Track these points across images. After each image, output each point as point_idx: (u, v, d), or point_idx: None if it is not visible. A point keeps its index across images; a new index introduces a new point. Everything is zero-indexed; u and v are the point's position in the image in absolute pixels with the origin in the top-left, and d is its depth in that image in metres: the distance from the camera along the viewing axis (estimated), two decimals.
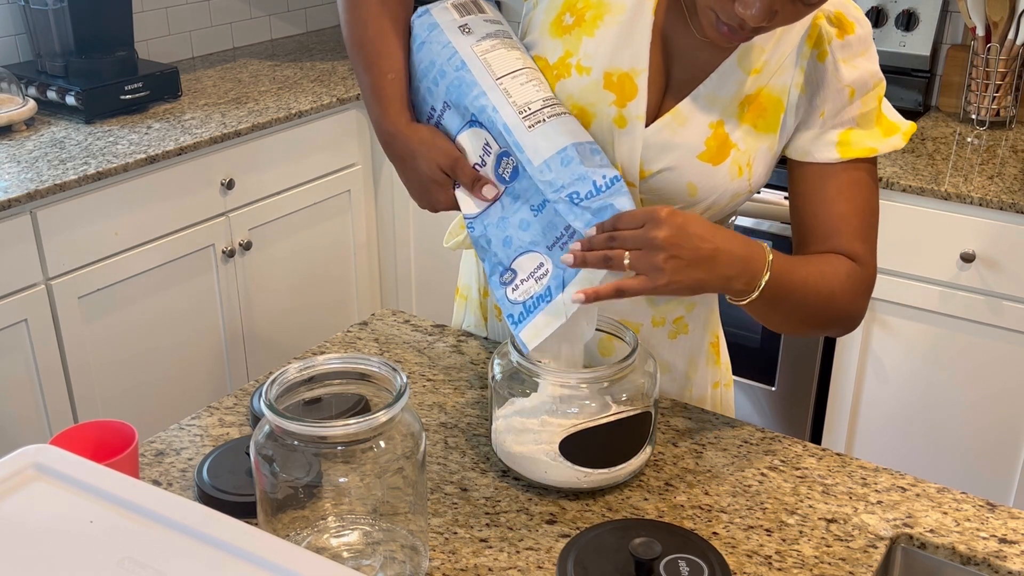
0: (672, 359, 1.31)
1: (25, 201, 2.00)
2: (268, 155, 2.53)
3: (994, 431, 2.26)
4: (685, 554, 0.96)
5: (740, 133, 1.14)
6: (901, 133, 1.17)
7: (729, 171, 1.14)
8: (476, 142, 1.13)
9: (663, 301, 1.26)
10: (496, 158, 1.12)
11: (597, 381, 1.06)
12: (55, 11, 2.47)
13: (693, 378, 1.34)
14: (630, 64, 1.13)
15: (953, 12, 2.63)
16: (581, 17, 1.15)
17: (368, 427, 0.88)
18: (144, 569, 0.65)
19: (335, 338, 1.43)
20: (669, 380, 1.33)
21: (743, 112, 1.14)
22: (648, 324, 1.28)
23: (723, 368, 1.38)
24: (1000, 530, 1.04)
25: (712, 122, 1.13)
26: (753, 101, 1.14)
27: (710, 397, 1.37)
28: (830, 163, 1.14)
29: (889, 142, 1.16)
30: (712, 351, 1.35)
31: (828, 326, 1.17)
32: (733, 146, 1.13)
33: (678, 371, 1.33)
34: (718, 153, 1.13)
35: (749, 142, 1.14)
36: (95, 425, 1.08)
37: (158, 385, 2.40)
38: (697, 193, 1.14)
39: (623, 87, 1.13)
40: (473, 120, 1.13)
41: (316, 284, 2.79)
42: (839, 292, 1.12)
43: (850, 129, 1.14)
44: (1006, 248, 2.11)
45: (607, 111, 1.13)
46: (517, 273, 1.08)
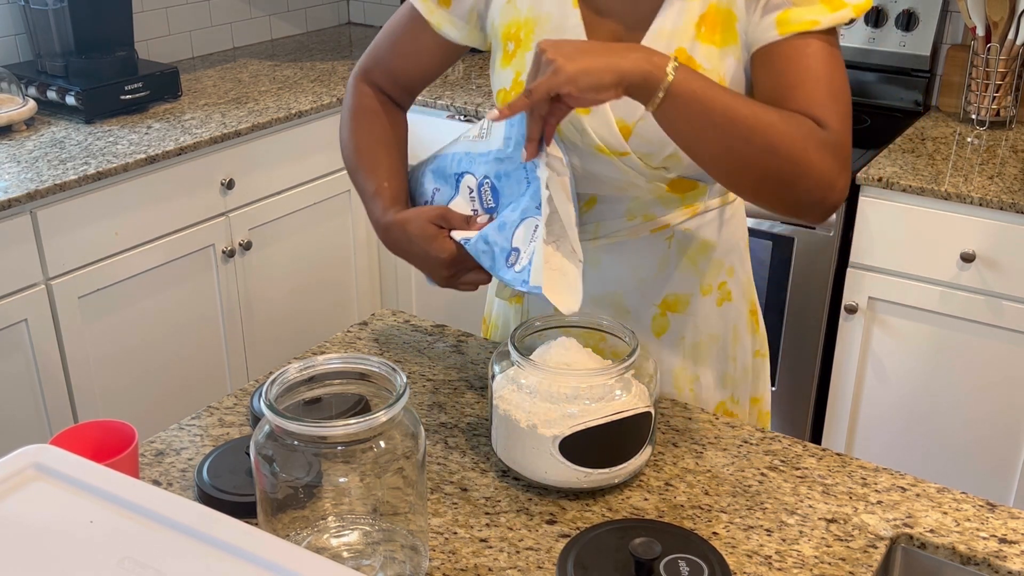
0: (720, 329, 1.33)
1: (25, 201, 2.00)
2: (268, 155, 2.53)
3: (994, 431, 2.26)
4: (685, 554, 0.96)
5: (703, 54, 1.13)
6: (851, 7, 1.10)
7: None
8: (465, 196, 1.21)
9: (706, 266, 1.27)
10: (478, 191, 1.19)
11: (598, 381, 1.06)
12: (55, 11, 2.47)
13: (736, 348, 1.35)
14: None
15: (953, 12, 2.63)
16: (519, 39, 1.20)
17: (368, 427, 0.88)
18: (144, 569, 0.65)
19: (335, 338, 1.43)
20: (718, 351, 1.33)
21: (700, 33, 1.13)
22: (698, 294, 1.30)
23: (761, 337, 1.40)
24: (1000, 530, 1.04)
25: (672, 53, 1.11)
26: (706, 20, 1.13)
27: (752, 366, 1.38)
28: (773, 42, 1.10)
29: (836, 15, 1.10)
30: (752, 319, 1.38)
31: (788, 176, 1.05)
32: (699, 67, 1.12)
33: (725, 342, 1.34)
34: None
35: (714, 60, 1.13)
36: (95, 425, 1.08)
37: (158, 385, 2.40)
38: None
39: None
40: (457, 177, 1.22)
41: (316, 284, 2.79)
42: (795, 137, 1.04)
43: (787, 9, 1.09)
44: (1006, 248, 2.11)
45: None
46: (520, 249, 1.11)
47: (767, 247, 2.36)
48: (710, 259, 1.29)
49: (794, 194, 1.07)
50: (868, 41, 2.69)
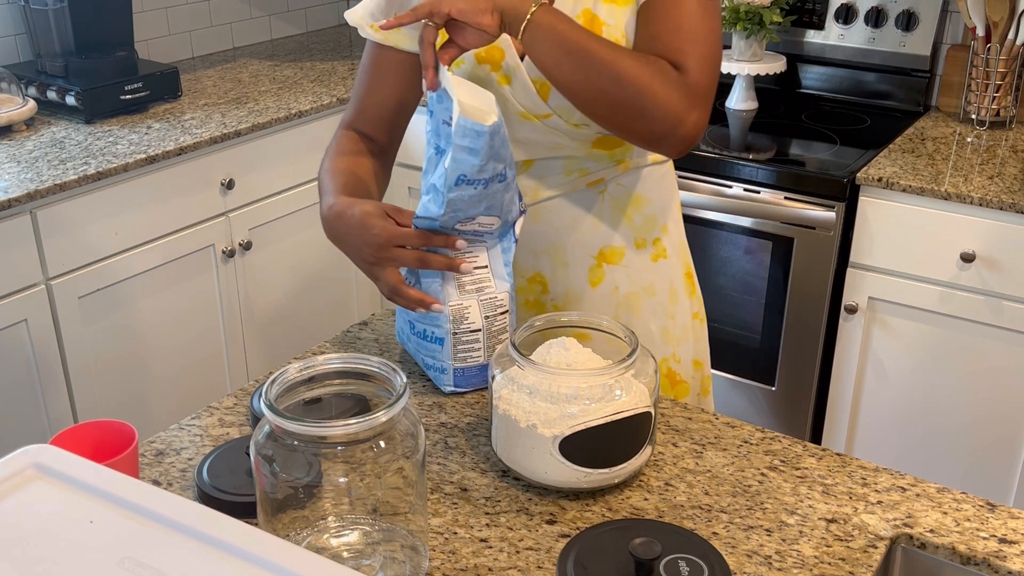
0: (655, 281, 1.41)
1: (25, 201, 2.00)
2: (268, 155, 2.53)
3: (994, 431, 2.26)
4: (685, 554, 0.96)
5: (605, 12, 1.23)
6: None
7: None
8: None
9: (639, 221, 1.37)
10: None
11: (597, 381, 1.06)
12: (55, 11, 2.47)
13: (674, 307, 1.43)
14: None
15: (953, 12, 2.63)
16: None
17: (368, 427, 0.88)
18: (144, 569, 0.65)
19: (335, 338, 1.43)
20: (654, 306, 1.42)
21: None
22: (632, 247, 1.39)
23: (698, 300, 1.49)
24: (1000, 530, 1.05)
25: (578, 13, 1.22)
26: None
27: (691, 328, 1.46)
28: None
29: None
30: (688, 281, 1.46)
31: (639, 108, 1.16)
32: (602, 23, 1.22)
33: (661, 297, 1.42)
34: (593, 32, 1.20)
35: (616, 16, 1.23)
36: (95, 425, 1.08)
37: (158, 385, 2.40)
38: None
39: (492, 56, 1.26)
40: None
41: (316, 284, 2.79)
42: (642, 72, 1.15)
43: None
44: (1006, 248, 2.11)
45: (491, 79, 1.27)
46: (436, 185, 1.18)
47: (767, 247, 2.36)
48: (643, 215, 1.38)
49: (643, 124, 1.18)
50: (868, 41, 2.69)
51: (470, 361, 1.26)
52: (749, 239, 2.39)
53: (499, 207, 1.20)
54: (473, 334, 1.25)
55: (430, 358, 1.28)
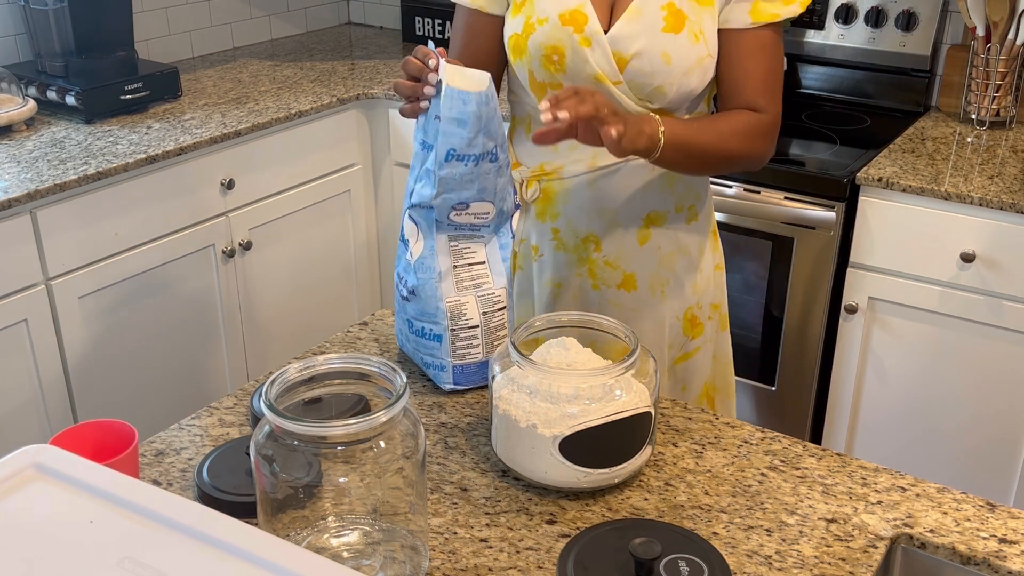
0: (689, 242, 1.55)
1: (25, 201, 2.00)
2: (268, 155, 2.53)
3: (994, 431, 2.26)
4: (685, 554, 0.96)
5: (688, 6, 1.37)
6: (798, 2, 1.40)
7: (688, 38, 1.37)
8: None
9: (681, 189, 1.51)
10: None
11: (598, 381, 1.06)
12: (55, 11, 2.47)
13: (702, 261, 1.57)
14: (576, 2, 1.38)
15: (953, 12, 2.63)
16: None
17: (368, 427, 0.88)
18: (144, 569, 0.65)
19: (335, 338, 1.43)
20: (687, 263, 1.55)
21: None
22: (673, 211, 1.51)
23: (719, 252, 1.63)
24: (1000, 530, 1.04)
25: (663, 4, 1.37)
26: None
27: (713, 277, 1.60)
28: (742, 28, 1.39)
29: (788, 9, 1.39)
30: (713, 239, 1.61)
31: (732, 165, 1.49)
32: (686, 17, 1.37)
33: (693, 254, 1.55)
34: (676, 23, 1.36)
35: (696, 12, 1.38)
36: (95, 425, 1.08)
37: (158, 385, 2.40)
38: (671, 60, 1.37)
39: (575, 19, 1.37)
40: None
41: (316, 284, 2.79)
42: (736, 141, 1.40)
43: (757, 1, 1.38)
44: (1006, 248, 2.11)
45: (572, 40, 1.38)
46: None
47: (767, 247, 2.36)
48: (684, 183, 1.51)
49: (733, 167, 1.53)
50: (868, 41, 2.69)
51: (468, 358, 1.26)
52: (749, 239, 2.39)
53: (492, 191, 1.20)
54: (471, 330, 1.25)
55: (429, 356, 1.28)
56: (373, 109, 2.79)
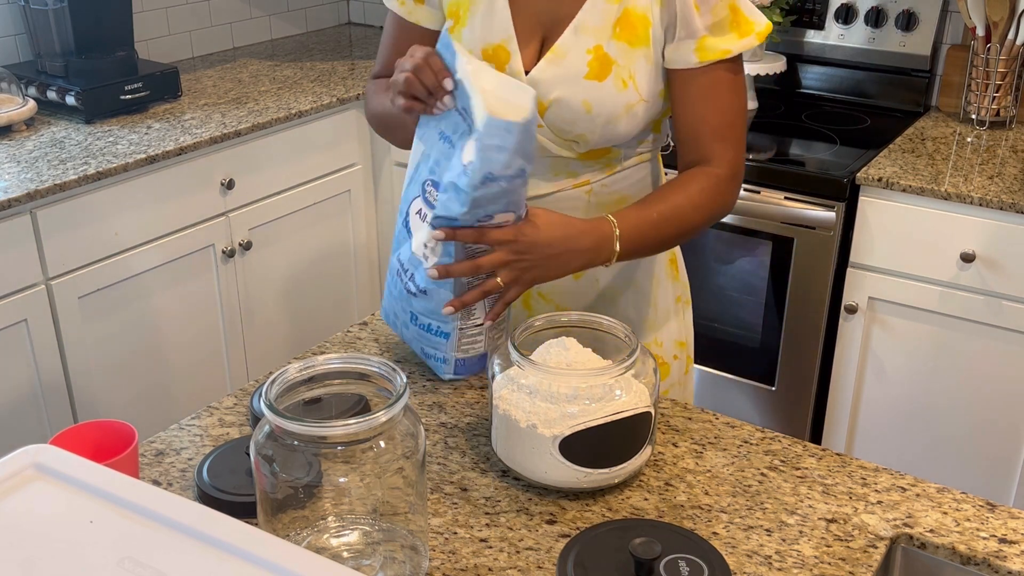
0: (635, 273, 1.44)
1: (25, 201, 2.00)
2: (268, 155, 2.53)
3: (994, 431, 2.26)
4: (685, 554, 0.96)
5: (616, 51, 1.28)
6: (755, 34, 1.29)
7: (615, 85, 1.28)
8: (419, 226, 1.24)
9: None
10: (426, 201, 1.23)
11: (598, 381, 1.06)
12: (55, 11, 2.47)
13: (656, 293, 1.47)
14: (499, 36, 1.30)
15: (953, 12, 2.63)
16: (457, 16, 1.33)
17: (368, 427, 0.88)
18: (144, 569, 0.65)
19: (335, 338, 1.43)
20: (634, 296, 1.45)
21: (616, 32, 1.28)
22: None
23: (682, 284, 1.52)
24: (1000, 530, 1.05)
25: (589, 48, 1.28)
26: (622, 21, 1.28)
27: (674, 311, 1.50)
28: (690, 68, 1.29)
29: (743, 42, 1.29)
30: (671, 267, 1.49)
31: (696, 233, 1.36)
32: (613, 62, 1.28)
33: (642, 286, 1.45)
34: (601, 71, 1.28)
35: (626, 57, 1.28)
36: (95, 425, 1.08)
37: (158, 385, 2.40)
38: (592, 108, 1.28)
39: (498, 56, 1.30)
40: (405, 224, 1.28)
41: (316, 284, 2.79)
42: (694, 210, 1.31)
43: (704, 37, 1.27)
44: (1006, 248, 2.11)
45: None
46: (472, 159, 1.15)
47: (767, 247, 2.36)
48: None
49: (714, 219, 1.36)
50: (868, 41, 2.69)
51: (471, 352, 1.27)
52: (749, 239, 2.39)
53: (517, 203, 1.18)
54: (478, 328, 1.26)
55: (432, 349, 1.28)
56: None
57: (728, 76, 1.30)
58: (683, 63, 1.29)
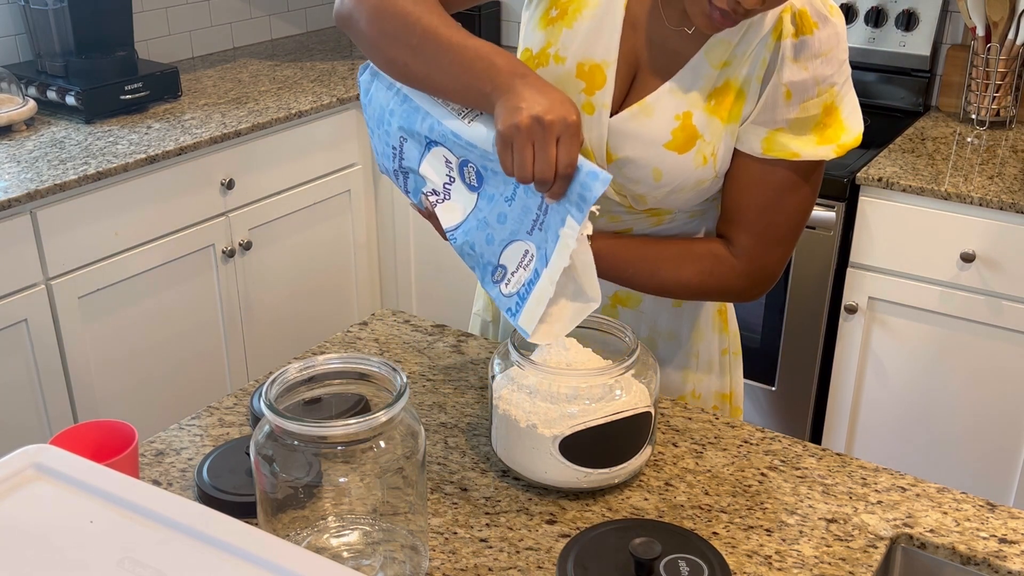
0: (676, 328, 1.35)
1: (25, 201, 2.00)
2: (268, 155, 2.53)
3: (994, 431, 2.26)
4: (685, 554, 0.96)
5: (707, 124, 1.16)
6: (836, 145, 1.16)
7: (694, 160, 1.17)
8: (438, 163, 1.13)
9: None
10: (459, 169, 1.13)
11: (598, 381, 1.06)
12: (55, 11, 2.47)
13: (699, 345, 1.36)
14: (602, 56, 1.17)
15: (953, 12, 2.63)
16: (564, 10, 1.19)
17: (368, 427, 0.88)
18: (144, 569, 0.65)
19: (335, 338, 1.43)
20: (673, 348, 1.35)
21: (710, 104, 1.16)
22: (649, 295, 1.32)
23: (731, 335, 1.41)
24: (1000, 530, 1.04)
25: (679, 114, 1.16)
26: (720, 93, 1.16)
27: (719, 363, 1.39)
28: (751, 155, 1.18)
29: (817, 151, 1.16)
30: (719, 318, 1.38)
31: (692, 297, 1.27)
32: (699, 137, 1.16)
33: (682, 339, 1.35)
34: (685, 144, 1.16)
35: (715, 132, 1.17)
36: (95, 425, 1.08)
37: (158, 385, 2.40)
38: (662, 179, 1.18)
39: (593, 77, 1.17)
40: (429, 143, 1.14)
41: (316, 284, 2.79)
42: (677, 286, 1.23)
43: (780, 129, 1.16)
44: (1006, 248, 2.11)
45: (577, 98, 1.17)
46: (507, 268, 1.08)
47: None
48: None
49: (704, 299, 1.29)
50: (868, 41, 2.69)
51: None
52: None
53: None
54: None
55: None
56: None
57: (790, 177, 1.17)
58: (747, 147, 1.17)
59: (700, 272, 1.22)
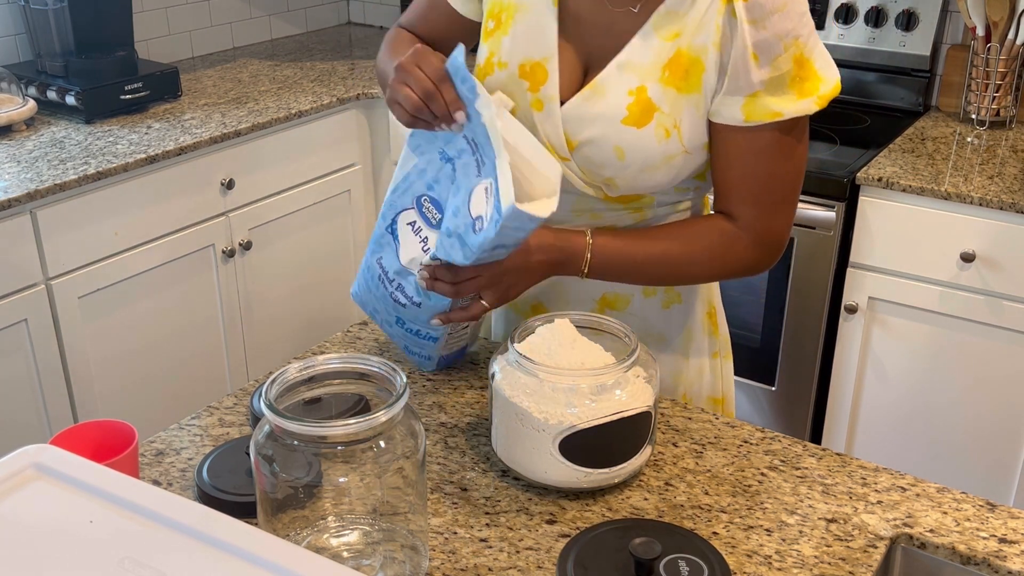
0: (666, 330, 1.34)
1: (25, 201, 2.00)
2: (268, 155, 2.53)
3: (994, 431, 2.26)
4: (685, 554, 0.96)
5: (662, 96, 1.16)
6: (817, 96, 1.14)
7: (655, 134, 1.16)
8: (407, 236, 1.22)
9: None
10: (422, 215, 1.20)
11: (598, 380, 1.06)
12: (55, 11, 2.47)
13: (690, 348, 1.36)
14: (541, 54, 1.20)
15: (953, 12, 2.63)
16: (499, 20, 1.24)
17: (368, 427, 0.88)
18: (144, 569, 0.65)
19: (335, 338, 1.43)
20: (663, 351, 1.34)
21: (664, 76, 1.16)
22: (639, 295, 1.32)
23: (721, 339, 1.40)
24: (1000, 530, 1.05)
25: (632, 89, 1.16)
26: (673, 63, 1.15)
27: (709, 367, 1.38)
28: (734, 125, 1.16)
29: (799, 106, 1.13)
30: (709, 321, 1.37)
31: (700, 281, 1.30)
32: (657, 109, 1.16)
33: (673, 342, 1.35)
34: (641, 117, 1.16)
35: (673, 104, 1.16)
36: (95, 425, 1.08)
37: (158, 385, 2.40)
38: (625, 157, 1.17)
39: (535, 75, 1.20)
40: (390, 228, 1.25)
41: (316, 284, 2.79)
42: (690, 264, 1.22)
43: (757, 93, 1.13)
44: (1006, 248, 2.11)
45: (524, 97, 1.20)
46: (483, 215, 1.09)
47: None
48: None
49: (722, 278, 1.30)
50: (868, 41, 2.69)
51: (455, 348, 1.30)
52: None
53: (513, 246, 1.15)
54: (464, 329, 1.28)
55: (417, 348, 1.29)
56: (373, 109, 2.79)
57: (777, 138, 1.16)
58: (727, 118, 1.16)
59: (712, 254, 1.22)
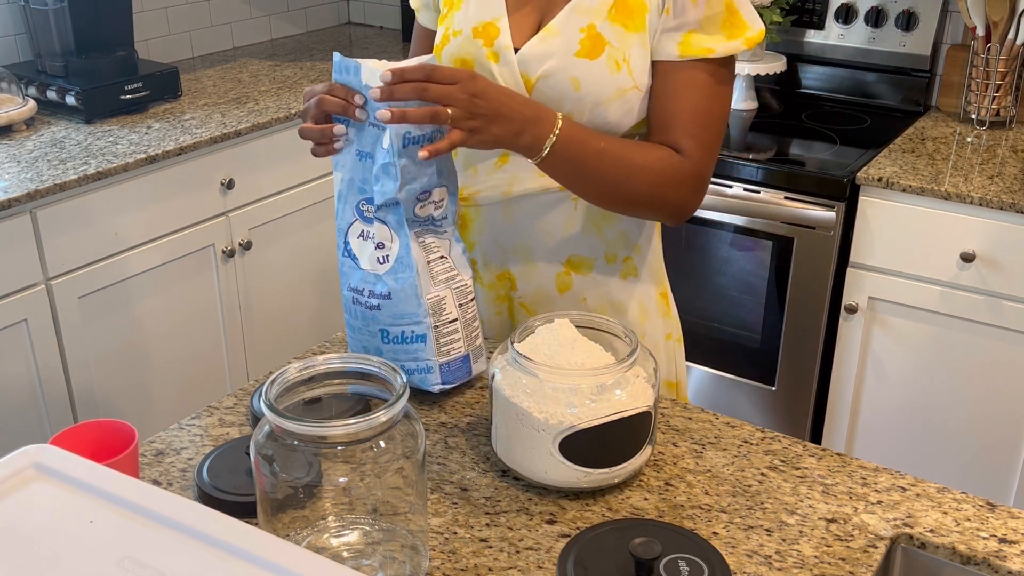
0: (625, 300, 1.40)
1: (25, 201, 2.00)
2: (268, 155, 2.53)
3: (994, 431, 2.26)
4: (685, 554, 0.96)
5: (611, 32, 1.25)
6: (744, 39, 1.25)
7: (607, 66, 1.25)
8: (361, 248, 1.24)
9: (611, 235, 1.37)
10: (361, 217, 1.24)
11: (598, 380, 1.06)
12: (55, 11, 2.47)
13: (645, 325, 1.42)
14: (491, 15, 1.30)
15: (953, 12, 2.63)
16: (452, 4, 1.35)
17: (368, 427, 0.88)
18: (144, 569, 0.65)
19: (335, 338, 1.43)
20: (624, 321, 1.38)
21: (612, 14, 1.26)
22: (602, 259, 1.38)
23: (673, 321, 1.47)
24: (1000, 530, 1.05)
25: (583, 27, 1.26)
26: (619, 4, 1.26)
27: (663, 348, 1.45)
28: (670, 60, 1.26)
29: (728, 45, 1.24)
30: (662, 301, 1.44)
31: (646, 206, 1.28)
32: (607, 43, 1.25)
33: (631, 315, 1.41)
34: (593, 49, 1.25)
35: (621, 40, 1.25)
36: (95, 425, 1.08)
37: (158, 385, 2.40)
38: (581, 88, 1.25)
39: (488, 32, 1.30)
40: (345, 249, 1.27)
41: (316, 284, 2.79)
42: (653, 171, 1.24)
43: (692, 31, 1.24)
44: (1006, 248, 2.11)
45: (480, 52, 1.30)
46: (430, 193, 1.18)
47: (767, 247, 2.36)
48: (616, 230, 1.37)
49: (654, 215, 1.33)
50: (868, 41, 2.69)
51: (453, 354, 1.24)
52: (749, 239, 2.39)
53: (445, 172, 1.20)
54: (452, 324, 1.24)
55: (412, 361, 1.25)
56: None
57: (708, 79, 1.25)
58: (665, 55, 1.25)
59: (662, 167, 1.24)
